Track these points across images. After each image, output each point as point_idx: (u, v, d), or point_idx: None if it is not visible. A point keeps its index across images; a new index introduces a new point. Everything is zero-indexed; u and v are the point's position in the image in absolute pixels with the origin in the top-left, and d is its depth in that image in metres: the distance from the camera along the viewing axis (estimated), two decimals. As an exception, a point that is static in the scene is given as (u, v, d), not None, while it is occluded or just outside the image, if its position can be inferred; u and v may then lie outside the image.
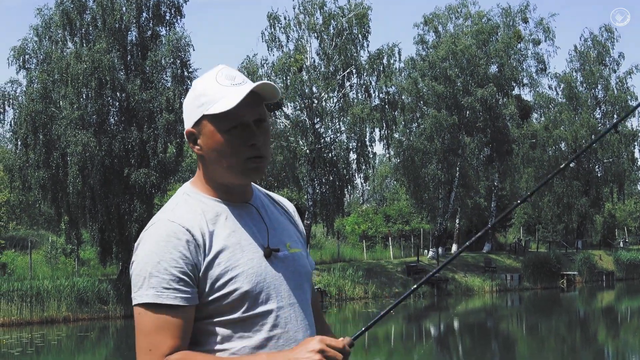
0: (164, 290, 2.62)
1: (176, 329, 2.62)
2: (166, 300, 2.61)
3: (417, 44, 54.89)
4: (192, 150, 2.84)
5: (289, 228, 3.03)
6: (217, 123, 2.74)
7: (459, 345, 30.07)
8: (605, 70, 62.77)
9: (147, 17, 37.38)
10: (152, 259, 2.65)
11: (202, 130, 2.77)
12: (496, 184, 58.42)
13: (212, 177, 2.83)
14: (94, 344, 29.84)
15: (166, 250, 2.65)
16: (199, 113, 2.76)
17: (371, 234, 55.50)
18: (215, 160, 2.77)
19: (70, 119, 34.33)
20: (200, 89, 2.78)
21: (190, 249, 2.67)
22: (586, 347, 29.02)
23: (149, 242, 2.70)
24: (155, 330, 2.61)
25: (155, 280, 2.63)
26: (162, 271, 2.63)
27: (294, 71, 44.10)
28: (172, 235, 2.67)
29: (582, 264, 55.68)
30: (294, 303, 2.86)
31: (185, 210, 2.76)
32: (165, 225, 2.70)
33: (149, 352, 2.60)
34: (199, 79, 2.84)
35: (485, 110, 51.20)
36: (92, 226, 36.44)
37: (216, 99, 2.74)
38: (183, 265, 2.65)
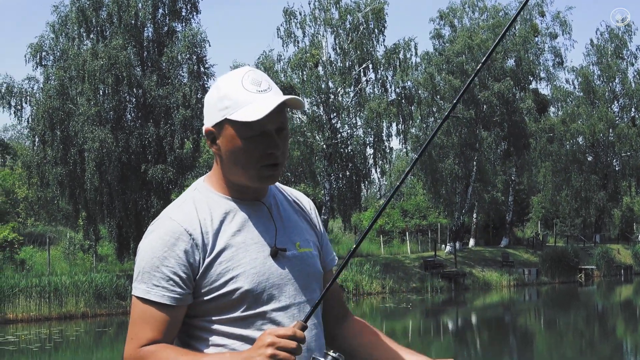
0: (153, 287, 2.67)
1: (159, 325, 2.68)
2: (153, 297, 2.67)
3: (433, 38, 54.81)
4: (209, 148, 2.83)
5: (302, 226, 3.01)
6: (238, 129, 2.72)
7: (477, 340, 30.02)
8: (623, 64, 62.54)
9: (163, 13, 37.43)
10: (147, 255, 2.69)
11: (222, 132, 2.75)
12: (513, 178, 58.31)
13: (227, 176, 2.82)
14: (112, 340, 29.89)
15: (160, 249, 2.68)
16: (221, 116, 2.73)
17: (388, 229, 55.42)
18: (232, 162, 2.77)
19: (87, 116, 34.43)
20: (225, 91, 2.75)
21: (186, 249, 2.69)
22: (604, 342, 28.93)
23: (148, 238, 2.73)
24: (140, 321, 2.68)
25: (147, 276, 2.68)
26: (153, 268, 2.67)
27: (310, 66, 44.07)
28: (169, 234, 2.70)
29: (600, 258, 55.50)
30: (301, 303, 2.84)
31: (190, 208, 2.78)
32: (165, 223, 2.73)
33: (131, 341, 2.70)
34: (224, 78, 2.80)
35: (502, 104, 51.05)
36: (110, 222, 36.56)
37: (240, 104, 2.71)
38: (174, 265, 2.68)
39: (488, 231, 60.87)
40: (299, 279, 2.86)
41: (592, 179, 59.55)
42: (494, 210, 58.51)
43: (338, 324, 3.12)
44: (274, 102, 2.70)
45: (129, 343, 2.70)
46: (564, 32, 59.21)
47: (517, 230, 64.24)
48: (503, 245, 56.41)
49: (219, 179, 2.85)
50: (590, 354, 26.10)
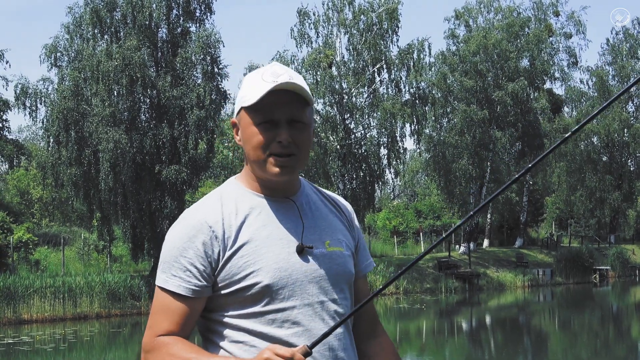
0: (171, 276, 2.74)
1: (176, 316, 2.74)
2: (171, 287, 2.74)
3: (448, 38, 54.75)
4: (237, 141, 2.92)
5: (336, 226, 3.01)
6: (251, 116, 2.81)
7: (491, 341, 29.97)
8: (638, 64, 62.35)
9: (177, 13, 37.47)
10: (169, 246, 2.78)
11: (241, 122, 2.86)
12: (528, 178, 58.22)
13: (252, 170, 2.89)
14: (126, 340, 29.95)
15: (180, 240, 2.76)
16: (240, 105, 2.85)
17: (402, 230, 55.41)
18: (248, 152, 2.84)
19: (101, 116, 34.49)
20: (246, 83, 2.87)
21: (205, 242, 2.74)
22: (619, 343, 28.83)
23: (173, 229, 2.82)
24: (159, 310, 2.76)
25: (167, 266, 2.76)
26: (172, 259, 2.75)
27: (324, 67, 44.07)
28: (190, 226, 2.77)
29: (615, 258, 55.35)
30: (325, 302, 2.85)
31: (215, 202, 2.83)
32: (189, 215, 2.81)
33: (149, 329, 2.76)
34: (250, 73, 2.91)
35: (516, 104, 50.96)
36: (124, 223, 36.62)
37: (259, 90, 2.79)
38: (192, 257, 2.74)
39: (502, 232, 60.81)
40: (325, 278, 2.87)
41: (607, 179, 59.42)
42: (508, 210, 58.44)
43: (364, 341, 3.13)
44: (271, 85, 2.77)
45: (147, 330, 2.77)
46: (578, 32, 59.18)
47: (531, 230, 64.16)
48: (517, 246, 56.35)
49: (248, 176, 2.92)
50: (605, 354, 26.02)
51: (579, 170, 59.45)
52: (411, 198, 79.11)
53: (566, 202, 62.26)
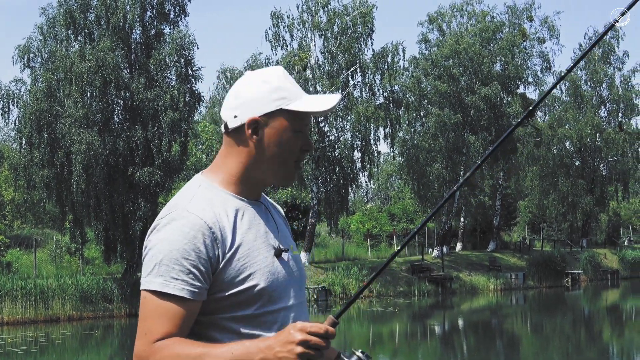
0: (171, 279, 2.63)
1: (176, 319, 2.63)
2: (172, 290, 2.62)
3: (420, 42, 54.86)
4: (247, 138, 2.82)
5: (288, 231, 3.07)
6: (292, 121, 2.81)
7: (464, 344, 30.06)
8: (610, 69, 62.75)
9: (152, 15, 37.37)
10: (164, 247, 2.65)
11: (271, 123, 2.80)
12: (501, 182, 58.48)
13: (245, 171, 2.84)
14: (98, 343, 29.84)
15: (180, 241, 2.65)
16: (276, 106, 2.79)
17: (376, 233, 55.47)
18: (269, 155, 2.82)
19: (74, 118, 34.34)
20: (278, 83, 2.82)
21: (207, 243, 2.67)
22: (591, 346, 28.99)
23: (164, 230, 2.69)
24: (156, 316, 2.62)
25: (165, 268, 2.64)
26: (173, 261, 2.63)
27: (299, 70, 44.07)
28: (189, 226, 2.67)
29: (587, 262, 55.68)
30: (300, 303, 2.89)
31: (205, 203, 2.75)
32: (183, 216, 2.69)
33: (144, 336, 2.62)
34: (269, 73, 2.86)
35: (490, 108, 51.14)
36: (97, 225, 36.45)
37: (297, 96, 2.81)
38: (195, 259, 2.64)
39: (475, 235, 61.00)
40: (297, 280, 2.91)
41: (579, 184, 59.72)
42: (481, 214, 58.67)
43: None
44: (334, 98, 2.86)
45: (140, 339, 2.64)
46: (552, 37, 59.41)
47: (504, 234, 64.35)
48: (490, 250, 56.53)
49: (228, 175, 2.85)
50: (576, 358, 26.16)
51: (551, 174, 59.73)
52: (385, 201, 79.18)
53: (539, 206, 62.53)
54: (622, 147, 60.65)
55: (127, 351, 28.10)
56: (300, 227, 46.95)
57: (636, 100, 62.25)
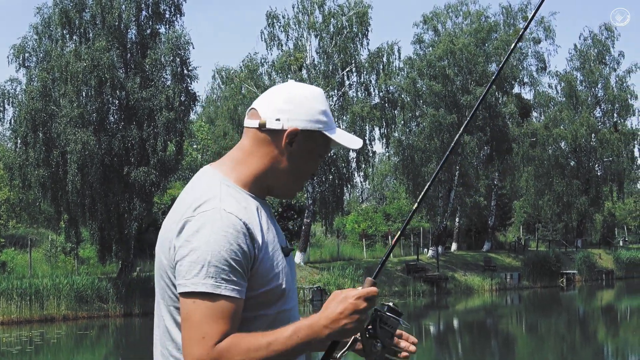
0: (222, 281, 2.60)
1: (231, 319, 2.61)
2: (224, 291, 2.60)
3: (415, 43, 54.87)
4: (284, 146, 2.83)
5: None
6: (321, 146, 2.88)
7: (459, 344, 30.07)
8: (605, 69, 62.82)
9: (147, 15, 37.35)
10: (211, 248, 2.61)
11: (306, 140, 2.84)
12: (496, 182, 58.51)
13: (263, 174, 2.86)
14: (93, 343, 29.83)
15: (226, 241, 2.62)
16: (317, 127, 2.84)
17: (371, 233, 55.49)
18: (290, 169, 2.86)
19: (69, 117, 34.31)
20: (324, 108, 2.88)
21: (247, 243, 2.66)
22: (585, 346, 29.02)
23: (205, 231, 2.64)
24: (211, 319, 2.58)
25: (215, 270, 2.60)
26: (221, 262, 2.60)
27: (294, 70, 44.10)
28: (231, 226, 2.64)
29: (582, 262, 55.72)
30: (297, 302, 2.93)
31: (235, 202, 2.74)
32: (222, 215, 2.66)
33: (202, 340, 2.57)
34: (319, 93, 2.91)
35: (485, 108, 51.18)
36: (92, 224, 36.40)
37: (332, 126, 2.89)
38: (241, 258, 2.64)
39: (470, 235, 61.03)
40: (295, 279, 2.94)
41: (574, 184, 59.75)
42: (476, 214, 58.67)
43: None
44: (360, 141, 2.95)
45: (198, 344, 2.58)
46: (547, 37, 59.48)
47: (499, 234, 64.39)
48: (485, 250, 56.56)
49: (247, 176, 2.85)
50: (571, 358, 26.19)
51: (546, 174, 59.74)
52: (380, 201, 79.17)
53: (534, 206, 62.56)
54: (617, 148, 60.72)
55: (122, 351, 28.11)
56: (296, 227, 46.96)
57: (631, 101, 62.34)
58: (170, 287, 2.72)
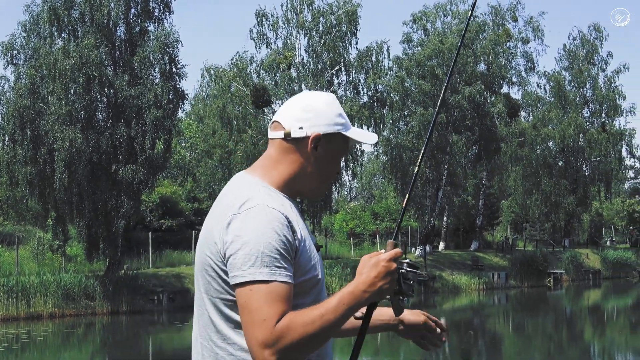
0: (276, 268, 2.82)
1: (287, 300, 2.82)
2: (279, 277, 2.82)
3: (404, 42, 54.94)
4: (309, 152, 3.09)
5: None
6: (342, 145, 3.16)
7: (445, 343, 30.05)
8: (594, 69, 62.96)
9: (136, 13, 37.30)
10: (263, 240, 2.83)
11: (329, 143, 3.11)
12: (484, 182, 58.59)
13: (292, 179, 3.11)
14: (80, 340, 29.78)
15: (274, 233, 2.85)
16: (337, 129, 3.11)
17: (359, 232, 55.52)
18: (317, 171, 3.13)
19: (58, 115, 34.23)
20: (339, 111, 3.15)
21: (290, 235, 2.90)
22: (572, 346, 29.09)
23: (254, 225, 2.87)
24: (269, 302, 2.79)
25: (268, 259, 2.82)
26: (273, 251, 2.83)
27: (283, 68, 44.12)
28: (275, 220, 2.87)
29: (569, 262, 55.82)
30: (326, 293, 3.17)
31: (275, 199, 2.97)
32: (267, 211, 2.89)
33: (263, 323, 2.77)
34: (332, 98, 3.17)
35: (473, 108, 51.22)
36: (79, 222, 36.34)
37: (349, 126, 3.16)
38: (289, 248, 2.87)
39: (458, 235, 61.12)
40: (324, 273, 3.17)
41: (562, 184, 59.86)
42: (464, 213, 58.78)
43: None
44: (375, 136, 3.26)
45: (259, 327, 2.78)
46: (536, 37, 59.57)
47: (487, 234, 64.49)
48: (473, 249, 56.63)
49: (279, 180, 3.10)
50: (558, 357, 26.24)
51: (534, 174, 59.82)
52: (368, 200, 79.24)
53: (522, 206, 62.64)
54: (605, 148, 60.88)
55: (108, 349, 28.07)
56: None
57: (619, 101, 62.49)
58: (217, 279, 2.94)
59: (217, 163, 46.97)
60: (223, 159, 46.29)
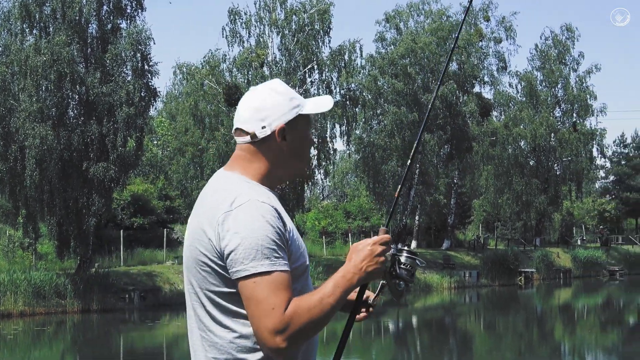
0: (275, 259, 2.96)
1: (289, 287, 2.96)
2: (279, 267, 2.96)
3: (377, 41, 55.04)
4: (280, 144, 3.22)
5: None
6: (306, 122, 3.29)
7: (417, 342, 30.18)
8: (565, 69, 63.24)
9: (108, 9, 37.13)
10: (259, 233, 2.96)
11: (294, 128, 3.23)
12: (456, 181, 58.73)
13: (270, 170, 3.24)
14: (50, 339, 29.64)
15: (269, 225, 2.98)
16: (295, 112, 3.22)
17: (331, 230, 55.56)
18: (295, 155, 3.27)
19: (29, 112, 34.03)
20: (291, 94, 3.25)
21: (281, 225, 3.03)
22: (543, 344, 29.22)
23: (249, 220, 2.99)
24: (275, 291, 2.92)
25: (268, 251, 2.95)
26: (271, 243, 2.96)
27: (256, 66, 44.08)
28: (268, 213, 3.01)
29: (540, 261, 56.08)
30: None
31: (263, 193, 3.11)
32: (258, 205, 3.02)
33: (272, 311, 2.90)
34: (278, 85, 3.27)
35: (446, 107, 51.38)
36: (50, 220, 36.14)
37: (304, 102, 3.28)
38: (282, 238, 3.02)
39: (430, 233, 61.23)
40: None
41: (534, 183, 60.08)
42: (436, 212, 58.88)
43: None
44: (330, 98, 3.39)
45: (269, 315, 2.91)
46: (508, 37, 59.74)
47: (458, 232, 64.70)
48: (444, 248, 56.77)
49: (259, 173, 3.23)
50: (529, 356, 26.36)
51: (506, 173, 60.01)
52: (340, 199, 79.29)
53: (493, 205, 62.82)
54: (576, 147, 61.20)
55: (79, 347, 27.94)
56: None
57: (590, 101, 62.83)
58: (213, 274, 3.05)
59: (190, 161, 46.87)
60: (195, 156, 46.21)
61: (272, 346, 2.90)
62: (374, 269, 3.13)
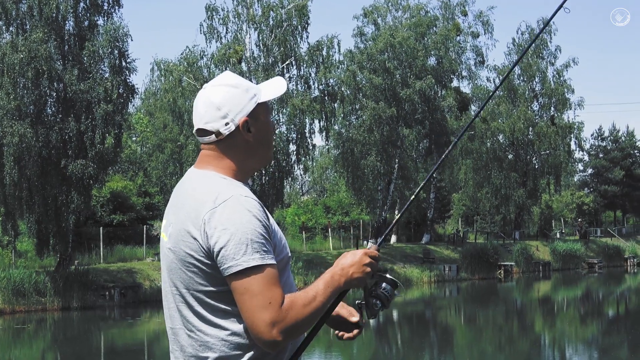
0: (264, 253, 2.99)
1: (279, 282, 3.01)
2: (269, 260, 2.99)
3: (356, 36, 55.09)
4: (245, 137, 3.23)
5: None
6: (265, 110, 3.28)
7: (398, 336, 30.25)
8: (543, 63, 63.41)
9: (85, 6, 37.00)
10: (248, 228, 2.98)
11: (256, 118, 3.24)
12: (435, 175, 58.80)
13: (242, 163, 3.25)
14: (31, 337, 29.56)
15: (256, 219, 3.01)
16: (254, 102, 3.23)
17: (311, 225, 55.58)
18: (262, 144, 3.28)
19: (6, 110, 33.90)
20: (246, 85, 3.25)
21: (266, 218, 3.08)
22: (523, 337, 29.37)
23: (236, 215, 3.01)
24: (270, 285, 2.96)
25: (258, 245, 2.98)
26: (259, 237, 2.99)
27: (234, 62, 44.00)
28: (253, 207, 3.05)
29: (519, 254, 56.27)
30: None
31: (242, 188, 3.14)
32: (242, 200, 3.05)
33: (270, 305, 2.95)
34: (233, 78, 3.27)
35: (424, 102, 51.49)
36: (29, 217, 36.04)
37: (259, 89, 3.27)
38: (269, 231, 3.06)
39: (410, 228, 61.35)
40: None
41: (512, 177, 60.27)
42: (415, 207, 58.98)
43: None
44: (282, 80, 3.36)
45: (266, 309, 2.95)
46: (485, 32, 59.88)
47: (438, 227, 64.82)
48: (424, 242, 56.87)
49: (232, 168, 3.23)
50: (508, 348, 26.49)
51: (485, 167, 60.19)
52: (320, 194, 79.33)
53: (472, 198, 62.99)
54: (554, 141, 61.36)
55: (60, 345, 27.87)
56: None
57: (568, 95, 62.98)
58: (200, 273, 3.06)
59: (169, 157, 46.79)
60: (174, 153, 46.16)
61: (269, 339, 2.93)
62: (359, 276, 3.18)
